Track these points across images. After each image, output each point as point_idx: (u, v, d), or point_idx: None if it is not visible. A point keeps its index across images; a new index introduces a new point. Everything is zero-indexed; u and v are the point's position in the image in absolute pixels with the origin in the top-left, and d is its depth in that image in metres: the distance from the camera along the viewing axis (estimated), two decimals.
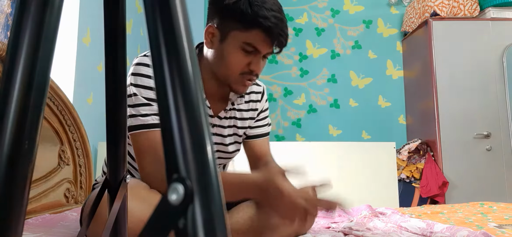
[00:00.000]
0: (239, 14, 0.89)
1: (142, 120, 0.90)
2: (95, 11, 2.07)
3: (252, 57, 0.93)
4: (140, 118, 0.90)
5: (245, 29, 0.90)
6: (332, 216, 1.37)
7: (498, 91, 2.82)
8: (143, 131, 0.90)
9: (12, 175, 0.26)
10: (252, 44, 0.91)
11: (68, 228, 1.13)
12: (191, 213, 0.22)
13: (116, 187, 0.46)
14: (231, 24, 0.91)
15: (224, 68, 0.95)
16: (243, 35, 0.90)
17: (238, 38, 0.91)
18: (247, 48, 0.92)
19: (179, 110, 0.24)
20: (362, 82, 3.39)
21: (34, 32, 0.27)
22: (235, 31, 0.91)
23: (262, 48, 0.92)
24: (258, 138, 1.18)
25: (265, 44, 0.91)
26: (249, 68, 0.94)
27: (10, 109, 0.26)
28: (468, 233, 1.03)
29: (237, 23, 0.90)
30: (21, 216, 0.27)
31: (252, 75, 0.96)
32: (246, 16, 0.88)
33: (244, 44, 0.91)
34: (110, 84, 0.43)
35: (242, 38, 0.91)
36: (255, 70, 0.95)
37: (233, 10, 0.89)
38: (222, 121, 1.07)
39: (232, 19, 0.91)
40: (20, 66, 0.26)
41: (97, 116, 2.07)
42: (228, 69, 0.95)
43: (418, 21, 3.05)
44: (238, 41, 0.91)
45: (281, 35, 0.91)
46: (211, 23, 0.96)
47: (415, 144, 2.88)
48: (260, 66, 0.96)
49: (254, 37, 0.90)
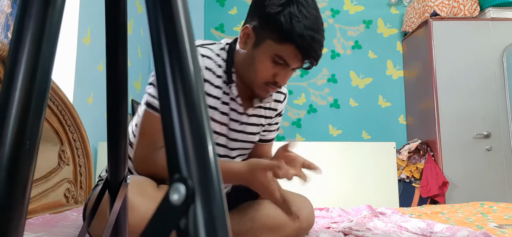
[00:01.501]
0: (277, 26, 0.88)
1: (150, 100, 0.91)
2: (95, 11, 2.07)
3: (280, 68, 0.93)
4: (149, 97, 0.92)
5: (280, 42, 0.89)
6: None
7: (498, 91, 2.82)
8: (149, 111, 0.91)
9: (14, 175, 0.26)
10: (283, 57, 0.91)
11: (68, 227, 1.13)
12: (193, 213, 0.22)
13: (116, 187, 0.46)
14: (267, 32, 0.90)
15: (251, 72, 0.95)
16: (277, 47, 0.90)
17: (271, 48, 0.91)
18: (277, 60, 0.91)
19: (181, 109, 0.24)
20: (362, 82, 3.39)
21: (36, 32, 0.27)
22: (270, 40, 0.90)
23: (292, 62, 0.92)
24: (265, 143, 1.18)
25: (296, 60, 0.91)
26: (274, 79, 0.95)
27: (11, 110, 0.26)
28: (468, 233, 1.03)
29: (273, 33, 0.89)
30: (22, 216, 0.27)
31: (276, 85, 0.97)
32: (283, 30, 0.87)
33: (275, 56, 0.91)
34: (111, 84, 0.43)
35: (274, 50, 0.90)
36: (280, 82, 0.95)
37: (274, 20, 0.88)
38: (250, 118, 1.07)
39: (270, 28, 0.90)
40: (22, 66, 0.26)
41: (97, 116, 2.07)
42: (255, 75, 0.95)
43: (418, 21, 3.05)
44: (271, 51, 0.91)
45: (313, 56, 0.91)
46: (249, 25, 0.95)
47: (415, 144, 2.88)
48: (286, 78, 0.96)
49: (287, 51, 0.90)
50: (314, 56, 0.91)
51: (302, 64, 0.94)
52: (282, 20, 0.87)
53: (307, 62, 0.93)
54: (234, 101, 1.01)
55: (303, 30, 0.87)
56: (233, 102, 1.01)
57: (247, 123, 1.06)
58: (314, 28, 0.88)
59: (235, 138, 1.05)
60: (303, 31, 0.87)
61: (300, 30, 0.86)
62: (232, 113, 1.02)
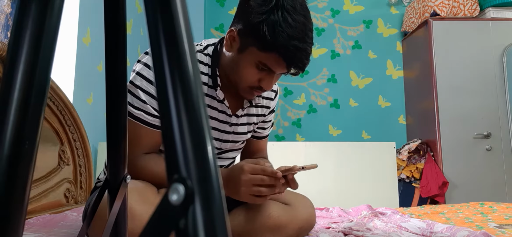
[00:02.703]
0: (260, 35, 0.86)
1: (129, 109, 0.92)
2: (95, 11, 2.07)
3: (265, 74, 0.92)
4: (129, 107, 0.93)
5: (263, 50, 0.88)
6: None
7: (498, 91, 2.82)
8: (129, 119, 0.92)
9: (13, 175, 0.26)
10: (267, 65, 0.90)
11: (68, 228, 1.13)
12: (192, 214, 0.22)
13: (116, 187, 0.46)
14: (251, 39, 0.89)
15: (236, 76, 0.95)
16: (260, 55, 0.89)
17: (255, 55, 0.89)
18: (261, 67, 0.91)
19: (180, 110, 0.24)
20: (362, 82, 3.39)
21: (34, 32, 0.27)
22: (254, 47, 0.89)
23: (276, 69, 0.91)
24: (260, 139, 1.19)
25: (280, 68, 0.90)
26: (259, 84, 0.94)
27: (10, 109, 0.26)
28: (468, 233, 1.03)
29: (257, 42, 0.88)
30: (22, 216, 0.27)
31: (262, 90, 0.96)
32: (266, 40, 0.86)
33: (259, 63, 0.90)
34: (110, 84, 0.43)
35: (258, 57, 0.89)
36: (265, 87, 0.94)
37: (257, 28, 0.86)
38: (239, 119, 1.07)
39: (253, 35, 0.88)
40: (20, 66, 0.26)
41: (97, 116, 2.07)
42: (240, 80, 0.95)
43: (418, 21, 3.05)
44: (254, 59, 0.90)
45: (298, 65, 0.89)
46: (234, 28, 0.94)
47: (415, 144, 2.88)
48: (271, 84, 0.95)
49: (271, 60, 0.88)
50: (299, 65, 0.89)
51: (288, 71, 0.92)
52: (265, 30, 0.84)
53: (293, 69, 0.92)
54: (222, 103, 1.02)
55: (287, 40, 0.84)
56: (222, 105, 1.02)
57: (236, 124, 1.07)
58: (299, 37, 0.85)
59: (226, 140, 1.07)
60: (287, 41, 0.84)
61: (283, 41, 0.84)
62: (221, 115, 1.03)
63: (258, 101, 1.11)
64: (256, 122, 1.14)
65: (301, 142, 2.39)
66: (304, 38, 0.87)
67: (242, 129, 1.10)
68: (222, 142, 1.06)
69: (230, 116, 1.05)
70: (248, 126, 1.11)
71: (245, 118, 1.09)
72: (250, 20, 0.87)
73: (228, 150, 1.11)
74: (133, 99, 0.93)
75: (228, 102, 1.03)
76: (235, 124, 1.07)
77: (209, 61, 1.00)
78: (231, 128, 1.06)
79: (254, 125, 1.14)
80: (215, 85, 0.99)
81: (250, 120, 1.11)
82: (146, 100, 0.92)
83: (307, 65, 0.91)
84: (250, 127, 1.13)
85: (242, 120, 1.09)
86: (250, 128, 1.13)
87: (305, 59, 0.89)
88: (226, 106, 1.02)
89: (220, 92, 1.00)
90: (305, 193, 1.16)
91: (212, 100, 1.01)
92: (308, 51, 0.89)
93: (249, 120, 1.11)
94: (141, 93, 0.92)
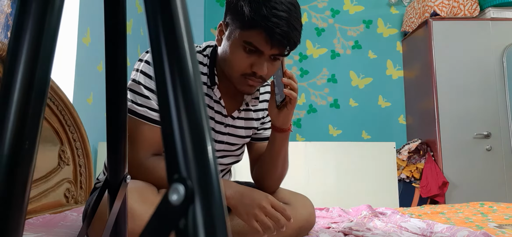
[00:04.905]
0: (242, 12, 0.86)
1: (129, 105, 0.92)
2: (95, 11, 2.07)
3: (255, 58, 0.90)
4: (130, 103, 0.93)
5: (247, 28, 0.87)
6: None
7: (498, 91, 2.82)
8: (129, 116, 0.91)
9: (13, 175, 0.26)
10: (252, 43, 0.88)
11: (69, 228, 1.13)
12: (192, 214, 0.22)
13: (116, 187, 0.46)
14: (235, 23, 0.90)
15: (228, 66, 0.94)
16: (244, 34, 0.88)
17: (240, 36, 0.89)
18: (248, 48, 0.89)
19: (180, 109, 0.24)
20: (362, 82, 3.39)
21: (34, 32, 0.27)
22: (237, 29, 0.89)
23: (263, 48, 0.88)
24: (263, 141, 1.18)
25: (266, 45, 0.87)
26: (251, 70, 0.91)
27: (10, 110, 0.26)
28: (468, 233, 1.03)
29: (240, 22, 0.88)
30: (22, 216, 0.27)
31: (255, 77, 0.93)
32: (244, 15, 0.86)
33: (244, 43, 0.89)
34: (110, 84, 0.43)
35: (243, 37, 0.88)
36: (258, 72, 0.91)
37: (237, 9, 0.88)
38: (235, 121, 1.06)
39: (237, 18, 0.89)
40: (20, 66, 0.26)
41: (97, 116, 2.07)
42: (231, 68, 0.93)
43: (418, 21, 3.05)
44: (240, 40, 0.89)
45: (284, 37, 0.85)
46: (221, 21, 0.95)
47: (415, 144, 2.88)
48: (263, 68, 0.91)
49: (254, 36, 0.87)
50: (285, 37, 0.85)
51: (276, 49, 0.88)
52: (245, 8, 0.86)
53: (282, 47, 0.88)
54: (218, 103, 1.02)
55: (266, 10, 0.84)
56: (218, 104, 1.02)
57: (232, 125, 1.06)
58: (280, 8, 0.84)
59: (221, 141, 1.06)
60: (266, 11, 0.84)
61: (262, 12, 0.84)
62: (217, 115, 1.03)
63: (256, 105, 1.10)
64: (256, 127, 1.13)
65: (301, 142, 2.39)
66: (288, 10, 0.86)
67: (239, 132, 1.08)
68: (216, 143, 1.05)
69: (225, 117, 1.04)
70: (246, 130, 1.10)
71: (242, 121, 1.08)
72: (233, 5, 0.90)
73: (223, 155, 1.09)
74: (135, 97, 0.93)
75: (225, 103, 1.03)
76: (230, 125, 1.06)
77: (208, 62, 1.01)
78: (226, 129, 1.05)
79: (254, 130, 1.13)
80: (212, 83, 0.99)
81: (249, 124, 1.10)
82: (149, 96, 0.93)
83: (295, 40, 0.88)
84: (249, 132, 1.12)
85: (239, 123, 1.07)
86: (249, 133, 1.12)
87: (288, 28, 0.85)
88: (221, 106, 1.02)
89: (217, 91, 1.00)
90: (305, 193, 1.16)
91: (210, 99, 1.01)
92: (293, 24, 0.86)
93: (248, 124, 1.10)
94: (144, 89, 0.93)
